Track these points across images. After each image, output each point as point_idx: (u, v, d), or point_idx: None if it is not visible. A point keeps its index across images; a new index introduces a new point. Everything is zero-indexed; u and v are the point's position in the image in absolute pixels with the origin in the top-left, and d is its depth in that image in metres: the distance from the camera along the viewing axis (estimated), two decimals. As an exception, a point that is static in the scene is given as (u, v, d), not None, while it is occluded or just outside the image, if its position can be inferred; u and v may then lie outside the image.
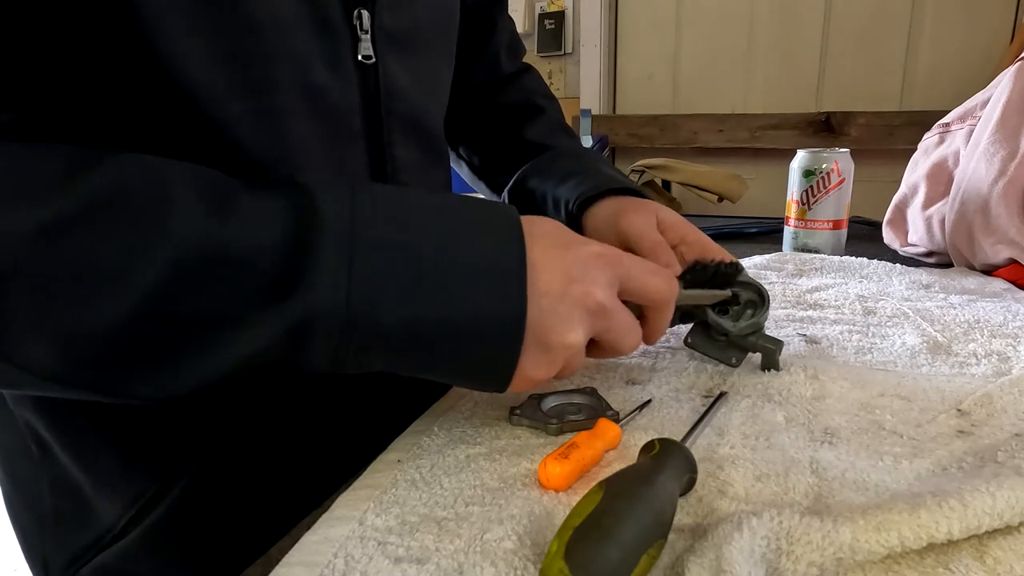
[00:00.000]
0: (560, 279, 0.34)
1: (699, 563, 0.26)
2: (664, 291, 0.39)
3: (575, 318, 0.34)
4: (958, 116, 0.83)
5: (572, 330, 0.34)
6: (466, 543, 0.29)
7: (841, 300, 0.63)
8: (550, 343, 0.34)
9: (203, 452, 0.44)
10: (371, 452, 0.38)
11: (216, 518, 0.45)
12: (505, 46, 0.68)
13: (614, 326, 0.36)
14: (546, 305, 0.33)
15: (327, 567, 0.28)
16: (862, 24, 2.05)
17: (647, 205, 0.52)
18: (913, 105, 2.03)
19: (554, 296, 0.34)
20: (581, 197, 0.54)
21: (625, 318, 0.37)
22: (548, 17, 2.35)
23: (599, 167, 0.58)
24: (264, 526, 0.46)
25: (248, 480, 0.46)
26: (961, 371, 0.46)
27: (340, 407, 0.51)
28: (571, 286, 0.34)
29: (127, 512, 0.43)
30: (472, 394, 0.44)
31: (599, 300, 0.35)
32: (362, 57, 0.43)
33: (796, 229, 0.85)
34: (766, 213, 1.24)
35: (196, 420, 0.44)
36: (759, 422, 0.39)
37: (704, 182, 1.94)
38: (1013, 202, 0.68)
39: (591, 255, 0.36)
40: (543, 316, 0.33)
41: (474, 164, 0.70)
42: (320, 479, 0.48)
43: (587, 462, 0.34)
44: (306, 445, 0.50)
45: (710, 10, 2.22)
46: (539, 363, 0.34)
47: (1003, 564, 0.27)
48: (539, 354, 0.34)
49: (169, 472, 0.43)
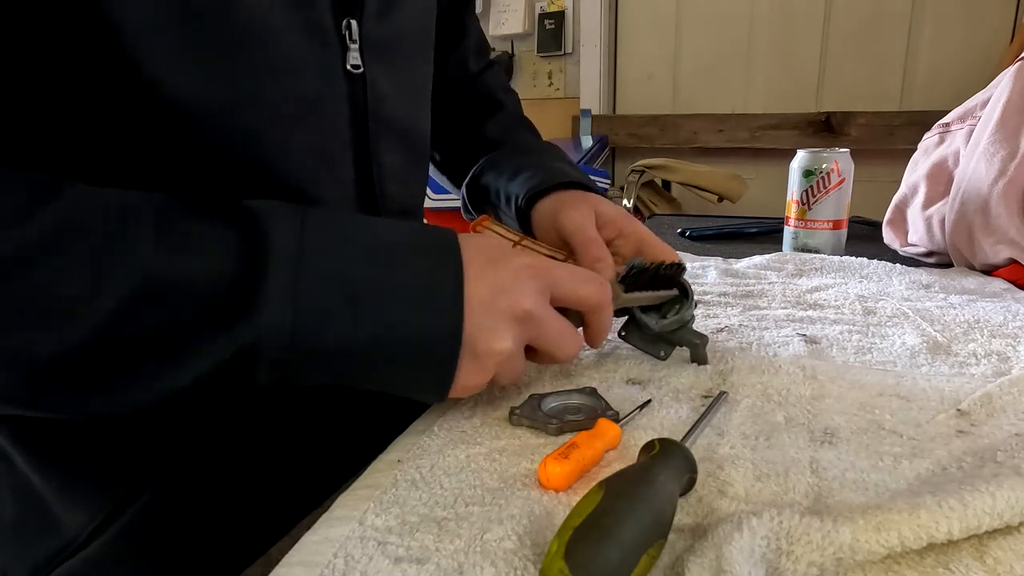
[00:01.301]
0: (490, 291, 0.36)
1: (699, 563, 0.26)
2: (594, 296, 0.41)
3: (503, 327, 0.36)
4: (958, 116, 0.83)
5: (500, 339, 0.36)
6: (466, 543, 0.29)
7: (841, 300, 0.63)
8: (479, 351, 0.36)
9: (172, 461, 0.44)
10: (371, 452, 0.38)
11: (190, 527, 0.45)
12: (474, 48, 0.70)
13: (545, 333, 0.38)
14: (476, 318, 0.35)
15: (327, 567, 0.28)
16: (862, 24, 2.05)
17: (587, 199, 0.54)
18: (913, 105, 2.04)
19: (484, 308, 0.36)
20: (529, 192, 0.55)
21: (557, 325, 0.39)
22: (548, 17, 2.35)
23: (549, 162, 0.59)
24: (264, 526, 0.46)
25: (228, 488, 0.46)
26: (961, 371, 0.46)
27: (340, 407, 0.51)
28: (499, 297, 0.36)
29: (92, 521, 0.42)
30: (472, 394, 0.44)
31: (526, 308, 0.37)
32: (351, 66, 0.43)
33: (796, 229, 0.85)
34: (766, 213, 1.24)
35: (164, 429, 0.43)
36: (759, 422, 0.39)
37: (704, 182, 1.94)
38: (1013, 202, 0.68)
39: (520, 267, 0.38)
40: (474, 328, 0.35)
41: (436, 160, 0.71)
42: (320, 479, 0.48)
43: (587, 462, 0.34)
44: (306, 445, 0.50)
45: (710, 10, 2.22)
46: (472, 372, 0.36)
47: (1003, 564, 0.27)
48: (472, 363, 0.36)
49: (135, 481, 0.43)
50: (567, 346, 0.39)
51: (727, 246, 0.94)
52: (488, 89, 0.70)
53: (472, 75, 0.70)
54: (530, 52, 2.43)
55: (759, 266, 0.77)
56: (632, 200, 1.91)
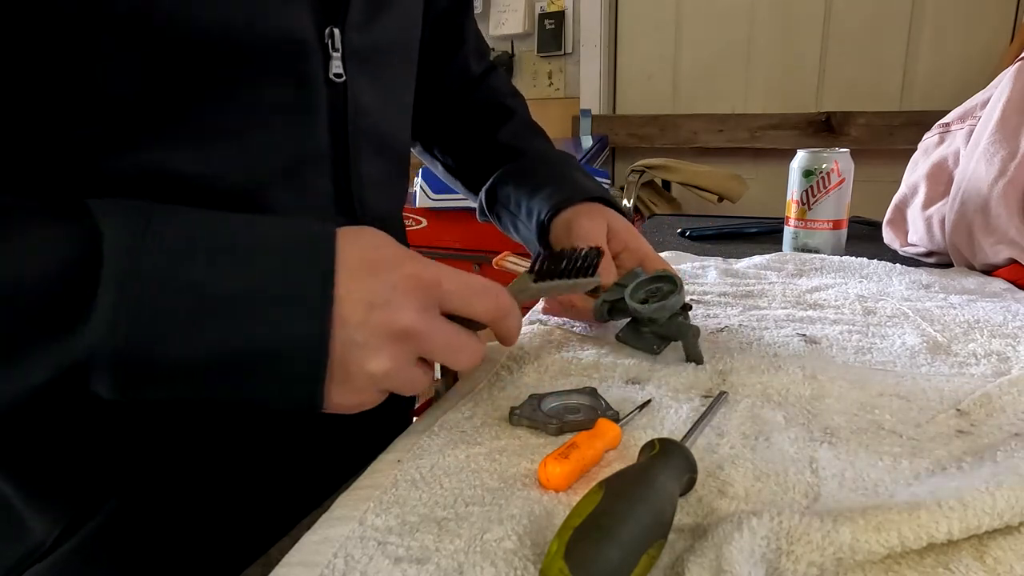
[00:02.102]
0: (362, 307, 0.33)
1: (699, 563, 0.26)
2: (490, 310, 0.37)
3: (375, 345, 0.33)
4: (958, 116, 0.83)
5: (373, 358, 0.33)
6: (466, 543, 0.29)
7: (841, 300, 0.63)
8: (350, 372, 0.33)
9: (138, 468, 0.43)
10: (371, 452, 0.38)
11: (161, 533, 0.44)
12: (473, 51, 0.70)
13: (432, 348, 0.35)
14: (345, 335, 0.32)
15: (327, 567, 0.28)
16: (862, 24, 2.05)
17: (603, 212, 0.56)
18: (913, 105, 2.03)
19: (353, 325, 0.32)
20: (553, 210, 0.57)
21: (444, 338, 0.35)
22: (548, 17, 2.35)
23: (571, 174, 0.61)
24: (263, 526, 0.46)
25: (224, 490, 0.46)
26: (960, 371, 0.46)
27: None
28: (372, 313, 0.33)
29: (56, 526, 0.41)
30: (472, 394, 0.44)
31: (404, 325, 0.33)
32: (333, 75, 0.43)
33: (796, 229, 0.85)
34: (766, 213, 1.24)
35: (130, 436, 0.43)
36: (759, 422, 0.39)
37: (704, 182, 1.94)
38: (1013, 202, 0.68)
39: (403, 277, 0.34)
40: (342, 346, 0.32)
41: (448, 164, 0.72)
42: (320, 479, 0.48)
43: (587, 462, 0.34)
44: (306, 445, 0.50)
45: (710, 10, 2.22)
46: (346, 392, 0.33)
47: (1003, 564, 0.27)
48: (343, 384, 0.33)
49: (100, 488, 0.42)
50: (462, 357, 0.36)
51: (727, 246, 0.94)
52: (496, 94, 0.71)
53: (475, 78, 0.70)
54: (530, 52, 2.42)
55: (759, 266, 0.77)
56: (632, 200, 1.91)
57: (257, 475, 0.47)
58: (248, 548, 0.46)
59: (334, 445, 0.50)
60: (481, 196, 0.66)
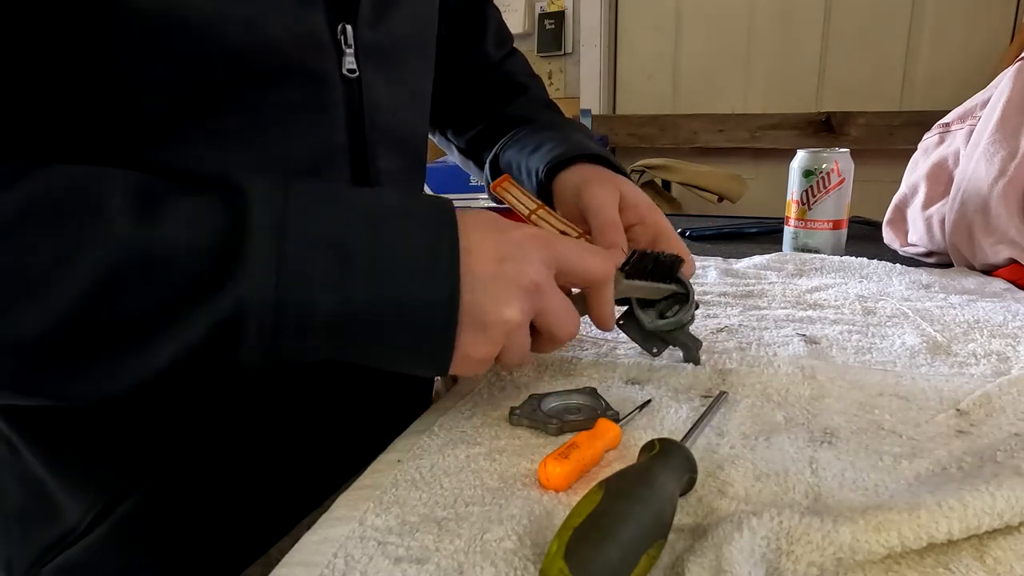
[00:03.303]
0: (493, 259, 0.35)
1: (699, 563, 0.26)
2: (600, 269, 0.39)
3: (509, 294, 0.35)
4: (958, 116, 0.83)
5: (508, 305, 0.34)
6: (466, 543, 0.29)
7: (841, 300, 0.63)
8: (487, 321, 0.34)
9: (169, 455, 0.44)
10: (371, 452, 0.38)
11: (188, 521, 0.45)
12: (493, 38, 0.69)
13: (549, 307, 0.37)
14: (479, 285, 0.34)
15: (327, 567, 0.28)
16: (862, 24, 2.05)
17: (613, 179, 0.52)
18: (913, 105, 2.03)
19: (487, 276, 0.34)
20: (550, 164, 0.54)
21: (561, 301, 0.37)
22: (548, 17, 2.35)
23: (572, 135, 0.58)
24: (264, 526, 0.46)
25: (228, 487, 0.46)
26: (960, 371, 0.46)
27: (340, 406, 0.51)
28: (504, 265, 0.35)
29: (91, 511, 0.42)
30: (472, 394, 0.44)
31: (533, 278, 0.35)
32: (347, 71, 0.43)
33: (796, 229, 0.85)
34: (766, 213, 1.24)
35: (161, 423, 0.43)
36: (759, 422, 0.39)
37: (704, 182, 1.94)
38: (1013, 202, 0.68)
39: (524, 236, 0.36)
40: (477, 296, 0.34)
41: (460, 147, 0.71)
42: (320, 479, 0.48)
43: (587, 462, 0.34)
44: (306, 445, 0.50)
45: (710, 10, 2.22)
46: (478, 343, 0.35)
47: (1003, 564, 0.27)
48: (477, 334, 0.34)
49: (132, 473, 0.43)
50: (569, 326, 0.38)
51: (727, 246, 0.94)
52: (511, 74, 0.69)
53: (494, 63, 0.70)
54: (530, 52, 2.43)
55: (759, 266, 0.77)
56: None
57: (257, 475, 0.47)
58: (248, 548, 0.46)
59: (334, 445, 0.50)
60: (486, 170, 0.64)
